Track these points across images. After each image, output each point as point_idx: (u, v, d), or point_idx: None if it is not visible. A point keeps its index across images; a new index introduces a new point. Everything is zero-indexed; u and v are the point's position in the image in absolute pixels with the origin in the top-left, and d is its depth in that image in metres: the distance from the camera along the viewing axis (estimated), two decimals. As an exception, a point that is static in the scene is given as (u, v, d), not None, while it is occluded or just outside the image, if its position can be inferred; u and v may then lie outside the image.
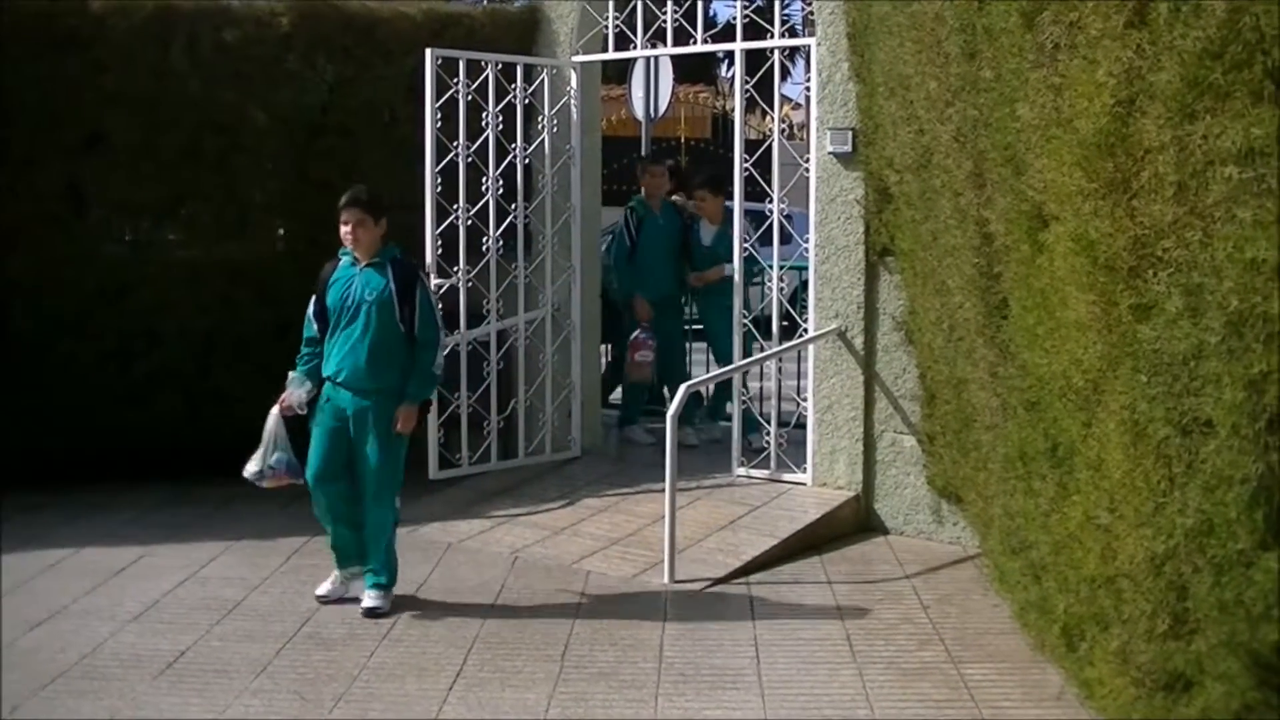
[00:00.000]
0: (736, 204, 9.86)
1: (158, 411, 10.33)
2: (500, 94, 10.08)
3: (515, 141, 10.27)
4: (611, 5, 10.35)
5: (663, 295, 11.39)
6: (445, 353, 9.69)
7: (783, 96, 10.26)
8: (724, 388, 11.23)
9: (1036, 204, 5.47)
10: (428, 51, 9.63)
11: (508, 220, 10.24)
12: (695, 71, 32.27)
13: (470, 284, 9.98)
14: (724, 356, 10.77)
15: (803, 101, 15.07)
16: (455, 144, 9.78)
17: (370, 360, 7.63)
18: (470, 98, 9.87)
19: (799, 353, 9.85)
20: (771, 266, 9.72)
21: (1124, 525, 4.79)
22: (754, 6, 9.84)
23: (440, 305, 7.89)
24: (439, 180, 9.69)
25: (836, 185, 9.19)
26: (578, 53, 10.62)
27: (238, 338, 10.44)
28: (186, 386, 10.44)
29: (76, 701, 6.33)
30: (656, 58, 14.46)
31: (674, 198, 12.47)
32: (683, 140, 27.84)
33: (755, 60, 9.80)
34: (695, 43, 10.08)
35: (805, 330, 9.54)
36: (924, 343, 8.39)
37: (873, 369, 9.13)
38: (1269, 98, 3.88)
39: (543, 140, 10.52)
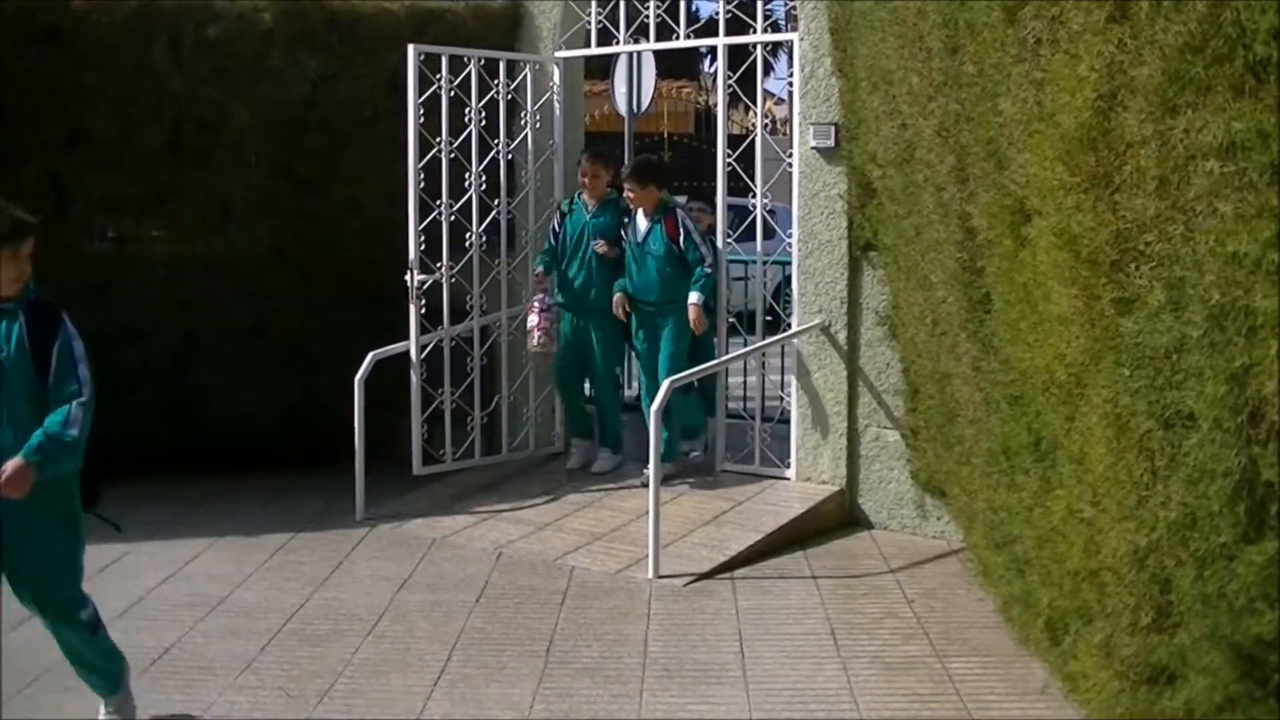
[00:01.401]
0: (720, 199, 9.86)
1: (138, 407, 10.30)
2: (483, 90, 10.07)
3: (498, 137, 10.27)
4: (594, 1, 10.35)
5: (591, 298, 10.19)
6: (426, 352, 9.77)
7: (765, 92, 10.28)
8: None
9: (1019, 198, 5.47)
10: (410, 47, 9.60)
11: (490, 216, 10.23)
12: (678, 67, 32.24)
13: (453, 280, 9.97)
14: (647, 386, 9.90)
15: (786, 97, 15.11)
16: (438, 140, 9.76)
17: (14, 443, 5.49)
18: (453, 93, 9.86)
19: (782, 348, 9.86)
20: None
21: (1107, 519, 4.80)
22: (736, 2, 9.85)
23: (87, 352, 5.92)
24: (421, 176, 9.68)
25: (819, 180, 9.20)
26: (560, 48, 10.62)
27: (218, 334, 10.43)
28: (167, 383, 10.42)
29: (60, 699, 6.32)
30: (639, 53, 14.45)
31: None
32: (666, 135, 27.85)
33: (738, 55, 9.81)
34: (678, 38, 10.09)
35: (788, 325, 9.54)
36: (907, 337, 8.40)
37: (856, 364, 9.14)
38: (1250, 92, 3.88)
39: (525, 136, 10.52)
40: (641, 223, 9.86)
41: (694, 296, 9.55)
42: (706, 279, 9.63)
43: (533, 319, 10.06)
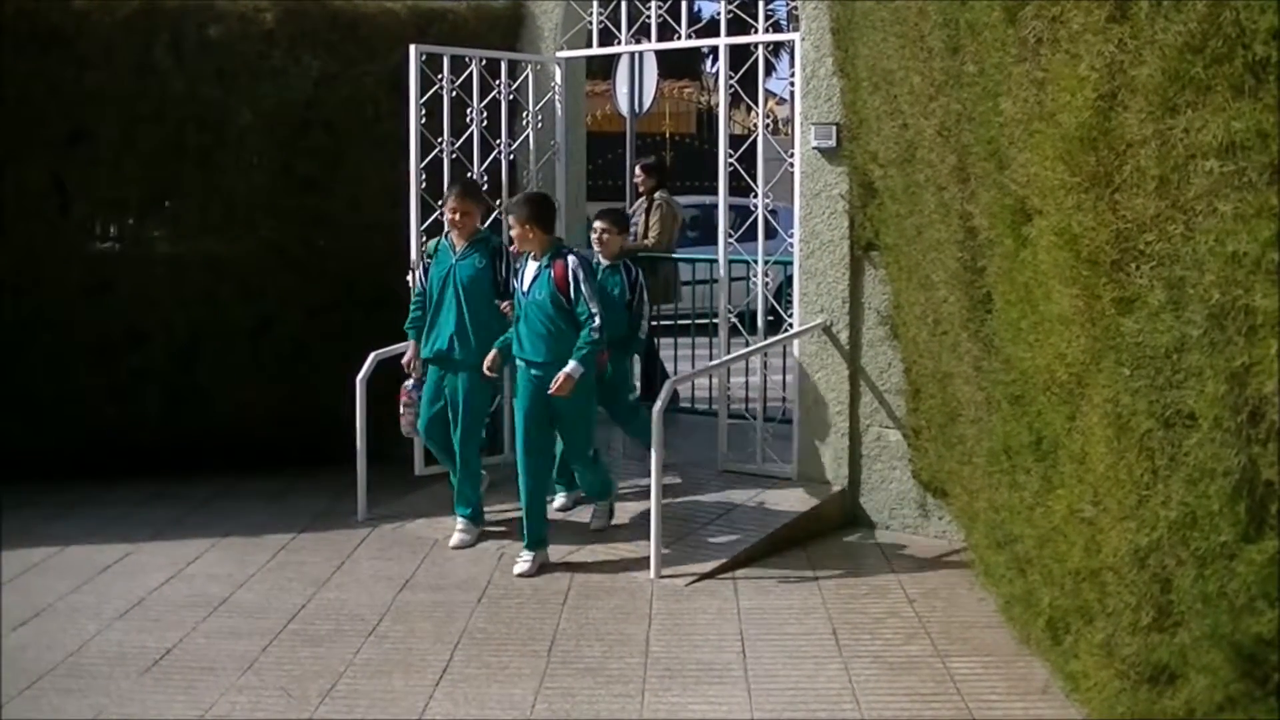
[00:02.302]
0: (721, 199, 9.86)
1: (140, 408, 10.32)
2: (484, 90, 10.08)
3: (500, 137, 10.27)
4: (595, 1, 10.35)
5: (458, 355, 8.87)
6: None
7: (767, 92, 10.27)
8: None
9: (1019, 198, 5.48)
10: (412, 47, 9.62)
11: (492, 216, 10.22)
12: (680, 67, 32.27)
13: (455, 280, 9.97)
14: (574, 454, 8.80)
15: (787, 97, 15.09)
16: (439, 140, 9.78)
17: None
18: (454, 94, 9.87)
19: (784, 348, 9.86)
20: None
21: (1108, 518, 4.80)
22: (738, 2, 9.85)
23: None
24: (423, 176, 9.69)
25: (821, 180, 9.21)
26: (562, 48, 10.62)
27: (220, 334, 10.44)
28: (169, 383, 10.44)
29: (62, 699, 6.32)
30: (641, 53, 14.47)
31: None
32: (667, 135, 27.89)
33: (740, 55, 9.81)
34: (679, 38, 10.09)
35: (790, 325, 9.54)
36: (909, 337, 8.40)
37: (858, 363, 9.14)
38: (1249, 91, 3.89)
39: (527, 136, 10.52)
40: (530, 266, 8.43)
41: (570, 365, 8.13)
42: (591, 347, 8.25)
43: (409, 414, 9.22)
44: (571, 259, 8.30)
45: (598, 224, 9.49)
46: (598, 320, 8.21)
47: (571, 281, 8.23)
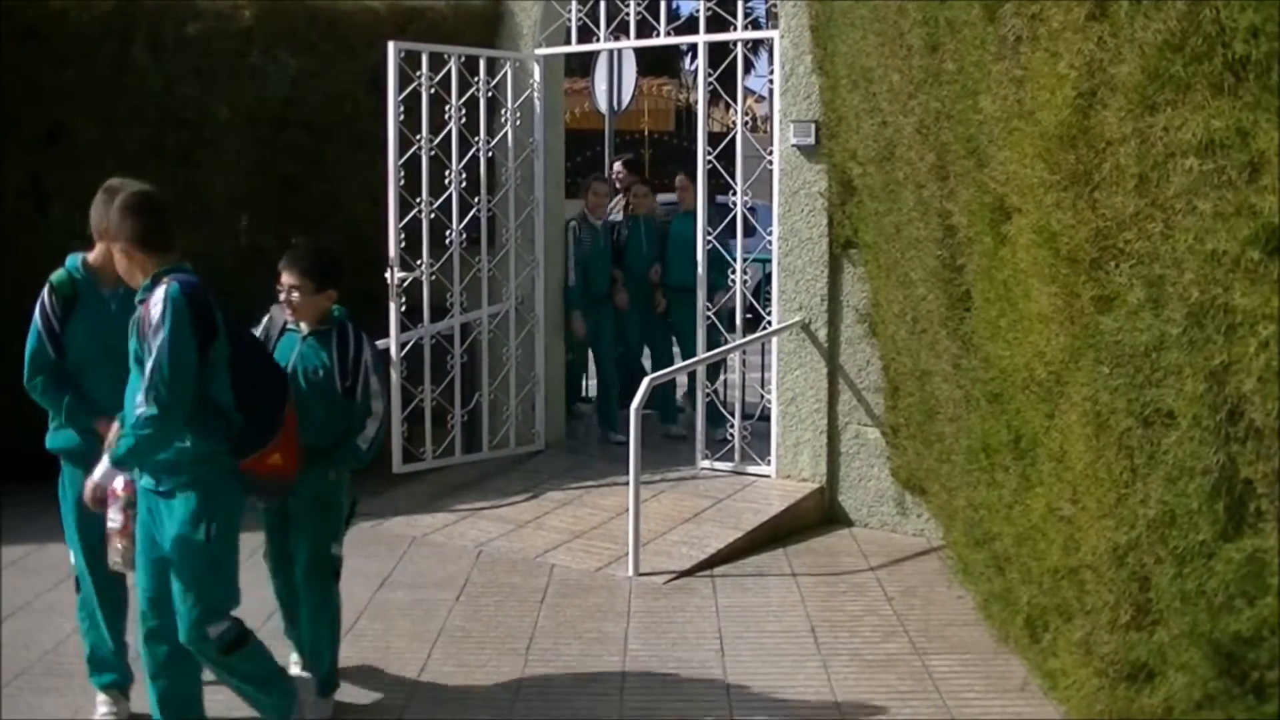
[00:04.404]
0: (700, 197, 9.86)
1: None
2: (463, 87, 10.06)
3: (478, 134, 10.25)
4: (574, -2, 10.35)
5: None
6: (406, 349, 9.74)
7: (746, 89, 10.28)
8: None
9: (999, 196, 5.48)
10: (390, 45, 9.60)
11: (471, 213, 10.21)
12: (659, 64, 32.32)
13: (433, 277, 9.96)
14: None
15: (766, 94, 15.10)
16: (418, 137, 9.76)
17: None
18: (433, 91, 9.85)
19: (763, 345, 9.86)
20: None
21: (1086, 517, 4.81)
22: (717, -1, 9.86)
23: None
24: (402, 173, 9.67)
25: (800, 178, 9.21)
26: (540, 45, 10.60)
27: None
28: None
29: (39, 699, 6.29)
30: (620, 50, 14.46)
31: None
32: (646, 133, 27.88)
33: (719, 53, 9.80)
34: (658, 35, 10.09)
35: (769, 323, 9.55)
36: (887, 335, 8.41)
37: (836, 361, 9.15)
38: (1229, 90, 3.90)
39: (506, 133, 10.50)
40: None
41: (99, 467, 5.72)
42: (133, 438, 5.33)
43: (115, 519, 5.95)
44: (158, 291, 5.50)
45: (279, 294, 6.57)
46: (143, 402, 5.25)
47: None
